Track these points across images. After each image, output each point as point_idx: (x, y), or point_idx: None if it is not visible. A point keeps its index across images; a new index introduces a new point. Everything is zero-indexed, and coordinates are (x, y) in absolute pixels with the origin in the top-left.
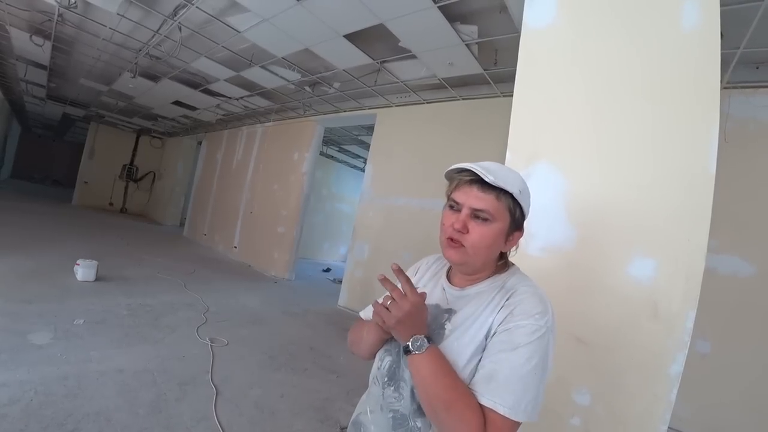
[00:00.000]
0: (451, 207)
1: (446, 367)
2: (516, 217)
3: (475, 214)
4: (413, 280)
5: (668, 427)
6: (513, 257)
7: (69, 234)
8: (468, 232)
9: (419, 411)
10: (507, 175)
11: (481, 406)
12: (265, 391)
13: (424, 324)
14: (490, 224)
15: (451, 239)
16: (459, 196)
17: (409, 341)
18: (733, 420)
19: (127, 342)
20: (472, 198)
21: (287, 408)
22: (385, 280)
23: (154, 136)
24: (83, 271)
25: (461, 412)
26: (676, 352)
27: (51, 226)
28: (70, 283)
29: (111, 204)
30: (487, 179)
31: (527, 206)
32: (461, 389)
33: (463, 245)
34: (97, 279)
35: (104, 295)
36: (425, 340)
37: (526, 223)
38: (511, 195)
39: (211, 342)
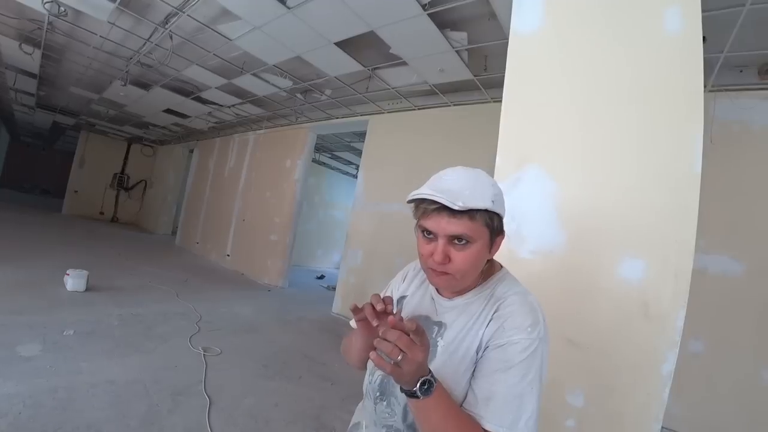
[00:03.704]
0: (424, 234)
1: (453, 405)
2: (494, 226)
3: (452, 240)
4: (402, 287)
5: (662, 426)
6: (506, 261)
7: (59, 244)
8: (450, 261)
9: (411, 428)
10: (474, 192)
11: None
12: (259, 400)
13: (427, 362)
14: (471, 246)
15: (435, 269)
16: (430, 224)
17: (416, 386)
18: (726, 417)
19: (119, 352)
20: (443, 226)
21: (281, 417)
22: (393, 324)
23: (146, 145)
24: (73, 281)
25: None
26: (667, 351)
27: (40, 236)
28: (60, 294)
29: (102, 213)
30: (456, 207)
31: (503, 209)
32: (470, 425)
33: (448, 273)
34: (88, 289)
35: (95, 306)
36: (432, 381)
37: (516, 227)
38: (484, 209)
39: (204, 351)
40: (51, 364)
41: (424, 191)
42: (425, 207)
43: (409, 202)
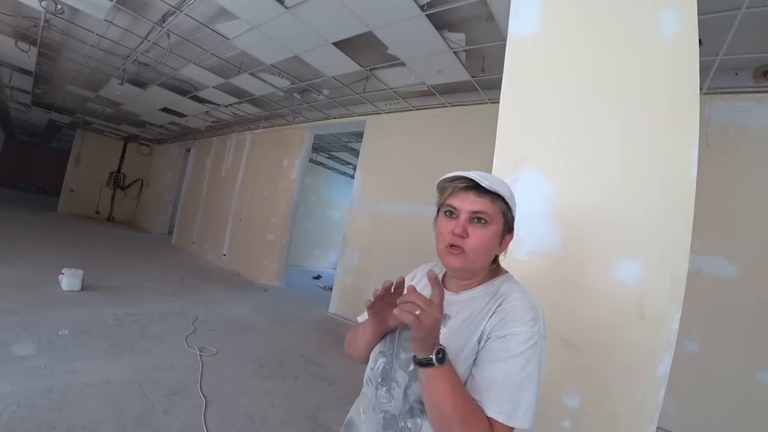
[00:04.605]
0: (447, 214)
1: (459, 380)
2: (508, 219)
3: (474, 218)
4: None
5: (657, 427)
6: (502, 262)
7: (54, 243)
8: (468, 236)
9: (410, 412)
10: (497, 181)
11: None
12: (255, 401)
13: (439, 336)
14: (488, 227)
15: (452, 245)
16: (455, 201)
17: (431, 353)
18: (721, 418)
19: (114, 352)
20: (469, 202)
21: (278, 417)
22: (412, 290)
23: (142, 143)
24: (68, 280)
25: (477, 425)
26: (662, 352)
27: (36, 234)
28: (55, 293)
29: (98, 212)
30: (483, 184)
31: (515, 209)
32: (474, 403)
33: (464, 250)
34: (83, 288)
35: (90, 305)
36: (446, 351)
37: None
38: (503, 199)
39: (200, 351)
40: (46, 363)
41: (457, 172)
42: (455, 186)
43: (440, 184)
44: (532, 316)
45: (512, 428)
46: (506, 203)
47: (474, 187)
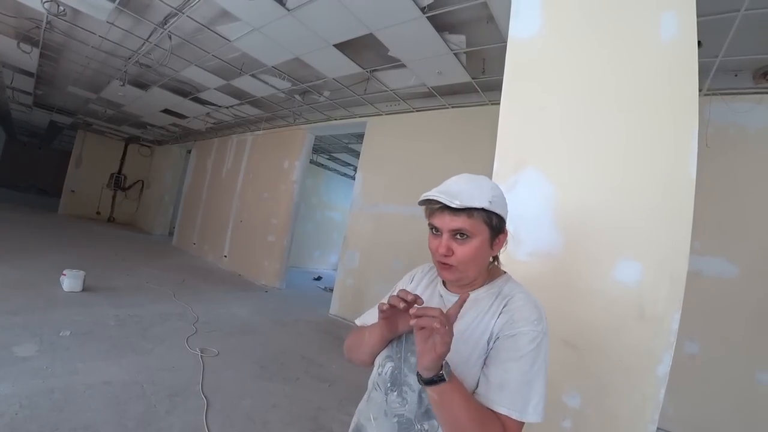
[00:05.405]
0: (433, 231)
1: (465, 388)
2: (494, 224)
3: (455, 234)
4: (409, 288)
5: (657, 427)
6: (501, 255)
7: (55, 243)
8: (453, 253)
9: (426, 414)
10: (473, 192)
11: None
12: (257, 402)
13: None
14: (471, 240)
15: (441, 262)
16: (436, 221)
17: (442, 370)
18: (721, 418)
19: (115, 353)
20: (446, 222)
21: (279, 418)
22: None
23: (143, 145)
24: (69, 281)
25: (492, 428)
26: (662, 353)
27: (36, 235)
28: (56, 294)
29: (98, 213)
30: (453, 205)
31: (503, 210)
32: (483, 406)
33: (452, 264)
34: (84, 289)
35: (91, 306)
36: (448, 365)
37: (514, 230)
38: (481, 209)
39: (202, 352)
40: (47, 364)
41: (430, 193)
42: (431, 207)
43: (420, 203)
44: (537, 316)
45: (521, 423)
46: (486, 211)
47: (447, 206)
